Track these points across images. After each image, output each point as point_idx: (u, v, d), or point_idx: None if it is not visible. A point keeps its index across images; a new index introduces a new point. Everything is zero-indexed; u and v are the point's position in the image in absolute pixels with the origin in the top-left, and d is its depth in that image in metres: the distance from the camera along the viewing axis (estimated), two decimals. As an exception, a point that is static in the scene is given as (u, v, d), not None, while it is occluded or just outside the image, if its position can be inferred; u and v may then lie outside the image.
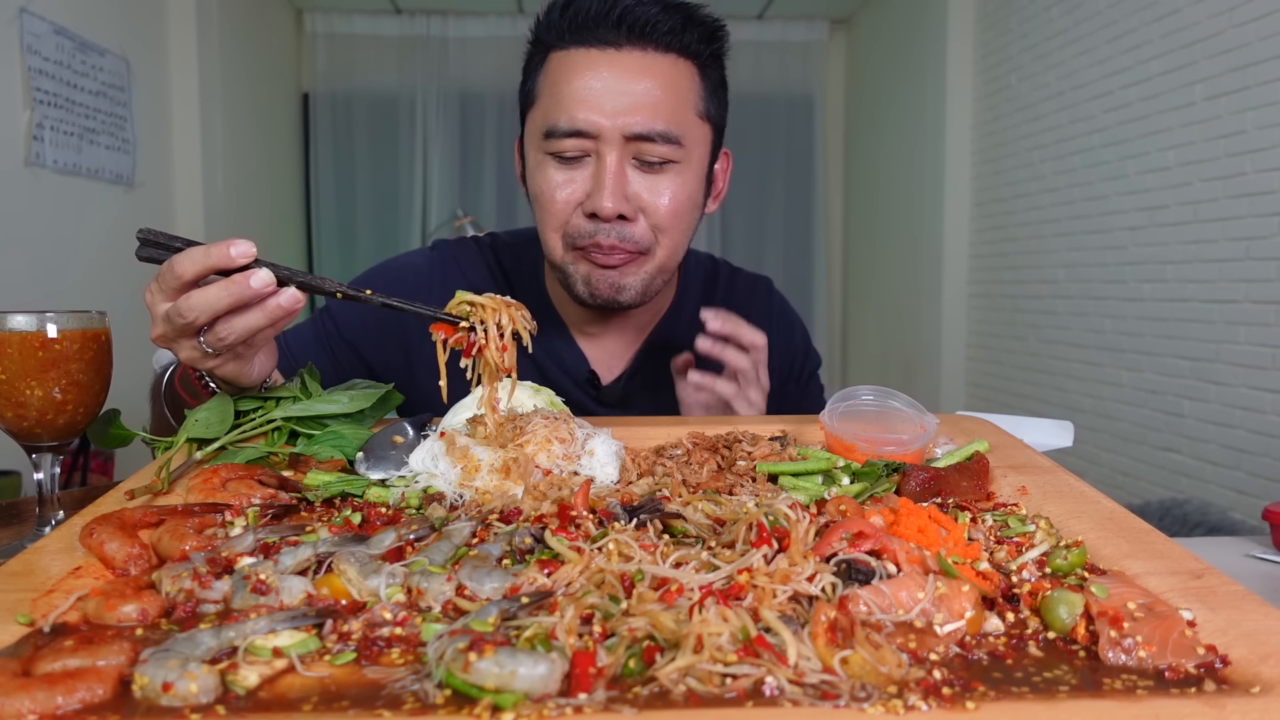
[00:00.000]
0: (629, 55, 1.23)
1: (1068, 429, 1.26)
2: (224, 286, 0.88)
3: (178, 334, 0.92)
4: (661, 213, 1.27)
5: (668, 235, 1.30)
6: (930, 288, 4.92)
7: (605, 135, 1.22)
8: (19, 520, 1.12)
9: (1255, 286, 2.91)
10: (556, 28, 1.26)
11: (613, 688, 0.52)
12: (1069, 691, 0.53)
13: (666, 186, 1.27)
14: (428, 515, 0.80)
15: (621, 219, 1.25)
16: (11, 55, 3.20)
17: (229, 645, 0.56)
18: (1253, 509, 2.82)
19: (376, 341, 1.46)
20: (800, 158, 6.30)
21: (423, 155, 6.11)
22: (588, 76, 1.23)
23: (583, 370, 1.45)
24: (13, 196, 3.22)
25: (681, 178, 1.28)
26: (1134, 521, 0.81)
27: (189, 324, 0.89)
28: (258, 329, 0.91)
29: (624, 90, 1.22)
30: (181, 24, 4.35)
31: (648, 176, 1.26)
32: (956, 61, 4.67)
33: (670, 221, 1.29)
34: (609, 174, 1.23)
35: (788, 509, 0.71)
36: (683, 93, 1.26)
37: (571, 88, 1.23)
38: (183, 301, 0.89)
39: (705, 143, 1.33)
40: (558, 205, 1.28)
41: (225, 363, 0.97)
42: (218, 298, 0.88)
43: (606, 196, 1.22)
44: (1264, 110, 2.83)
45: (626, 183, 1.25)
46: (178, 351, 0.95)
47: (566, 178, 1.27)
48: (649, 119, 1.22)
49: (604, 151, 1.23)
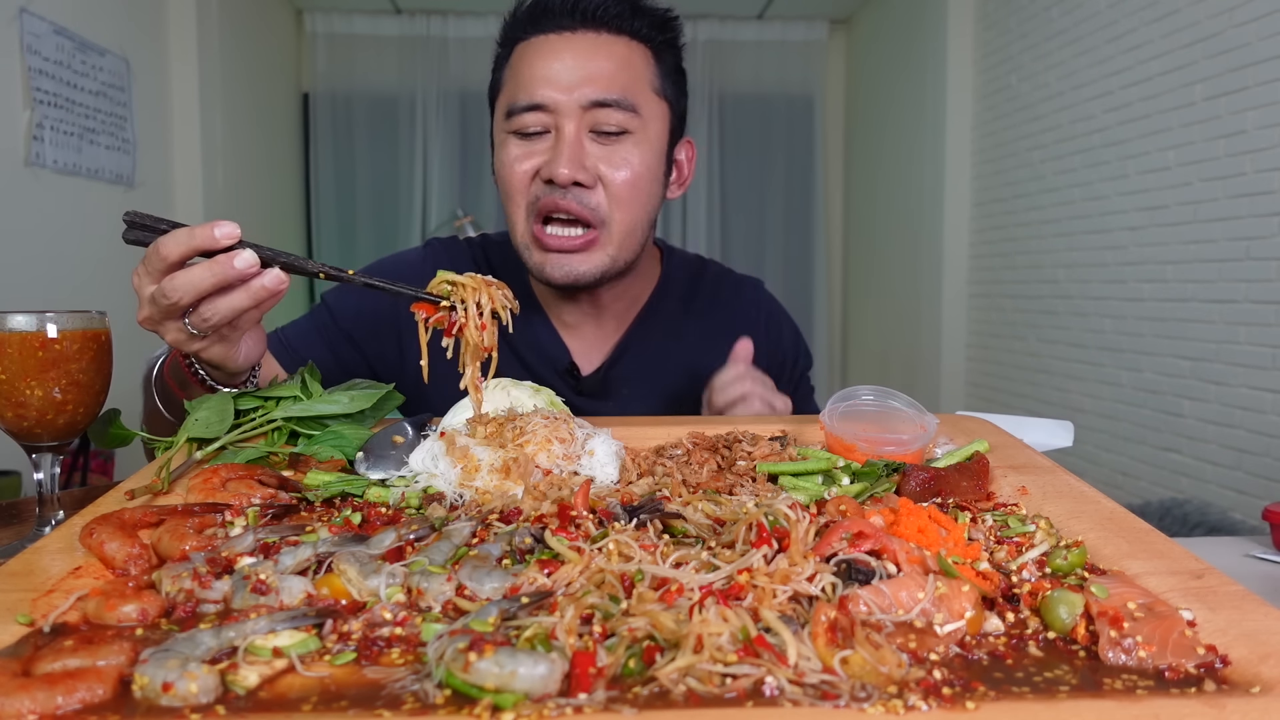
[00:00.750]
0: (583, 37, 1.31)
1: (1068, 429, 1.26)
2: (208, 267, 0.90)
3: (163, 315, 0.93)
4: (618, 182, 1.31)
5: (625, 208, 1.33)
6: (930, 288, 4.91)
7: (562, 108, 1.29)
8: (19, 520, 1.12)
9: (1255, 286, 2.91)
10: (520, 22, 1.35)
11: (613, 688, 0.52)
12: (1069, 691, 0.53)
13: (624, 157, 1.31)
14: (428, 515, 0.80)
15: (579, 186, 1.29)
16: (11, 55, 3.20)
17: (229, 645, 0.56)
18: (1253, 509, 2.82)
19: (370, 331, 1.48)
20: (800, 158, 6.30)
21: (423, 155, 6.11)
22: (546, 57, 1.31)
23: (564, 360, 1.48)
24: (13, 196, 3.22)
25: (639, 149, 1.33)
26: (1134, 521, 0.81)
27: (174, 304, 0.91)
28: (242, 309, 0.93)
29: (579, 65, 1.29)
30: (181, 24, 4.35)
31: (605, 147, 1.31)
32: (956, 61, 4.67)
33: (628, 192, 1.32)
34: (566, 142, 1.28)
35: (788, 509, 0.71)
36: (636, 69, 1.33)
37: (531, 68, 1.31)
38: (167, 282, 0.90)
39: (662, 119, 1.38)
40: (516, 176, 1.32)
41: (211, 345, 0.98)
42: (202, 278, 0.90)
43: (563, 162, 1.27)
44: (1264, 110, 2.83)
45: (584, 153, 1.30)
46: (164, 333, 0.96)
47: (525, 151, 1.32)
48: (604, 87, 1.29)
49: (562, 124, 1.29)
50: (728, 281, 1.64)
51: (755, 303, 1.64)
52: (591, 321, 1.51)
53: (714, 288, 1.61)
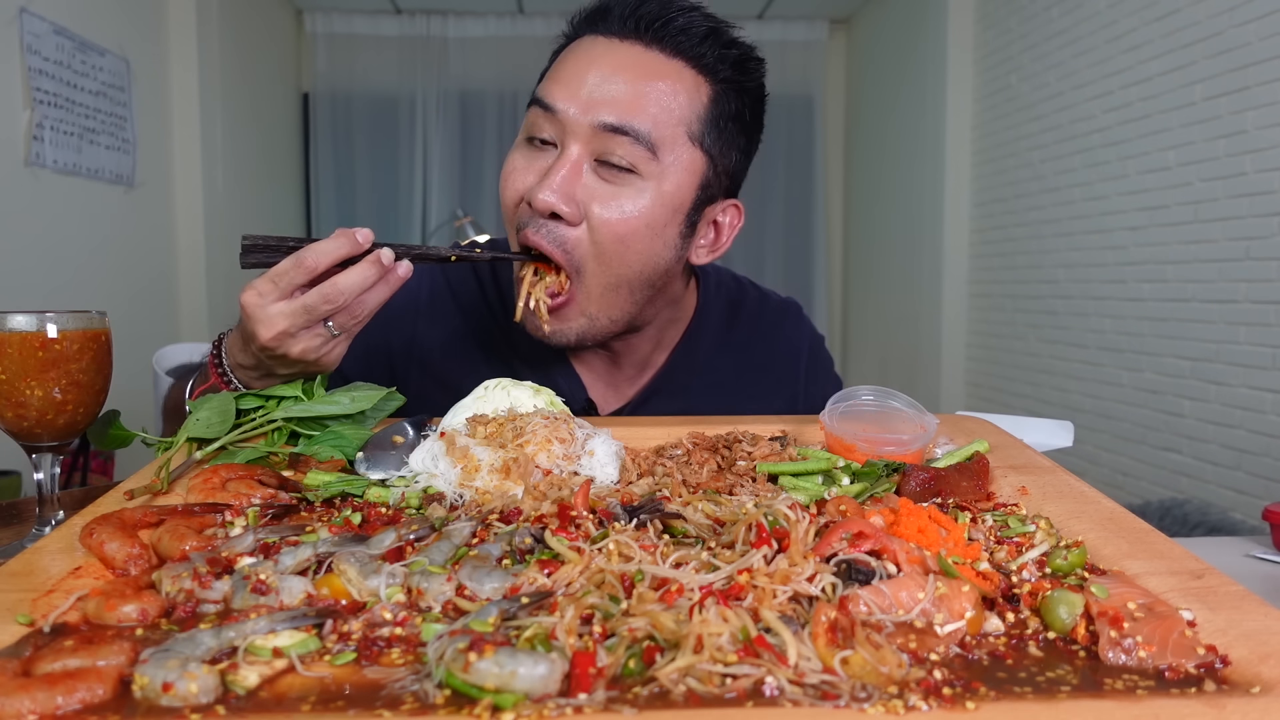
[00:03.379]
0: (630, 50, 1.14)
1: (1068, 429, 1.26)
2: (368, 266, 0.96)
3: (306, 324, 0.96)
4: (605, 228, 1.12)
5: (606, 260, 1.14)
6: (930, 288, 4.91)
7: (571, 124, 1.12)
8: (19, 520, 1.12)
9: (1255, 286, 2.91)
10: (584, 16, 1.21)
11: (613, 688, 0.52)
12: (1069, 692, 0.53)
13: (623, 200, 1.12)
14: (428, 515, 0.80)
15: (555, 218, 1.13)
16: (11, 55, 3.20)
17: (229, 645, 0.56)
18: (1253, 509, 2.82)
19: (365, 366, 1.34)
20: (800, 158, 6.30)
21: (423, 155, 6.11)
22: (580, 61, 1.15)
23: (580, 398, 1.33)
24: (13, 196, 3.22)
25: (644, 197, 1.13)
26: (1134, 521, 0.81)
27: (334, 309, 0.96)
28: (383, 302, 1.00)
29: (605, 81, 1.12)
30: (181, 24, 4.36)
31: (606, 184, 1.13)
32: (956, 61, 4.67)
33: (612, 242, 1.13)
34: (560, 165, 1.12)
35: (787, 509, 0.71)
36: (675, 105, 1.13)
37: (563, 68, 1.17)
38: (328, 288, 0.95)
39: (690, 171, 1.16)
40: (508, 191, 1.18)
41: (335, 346, 1.01)
42: (365, 277, 0.96)
43: (545, 187, 1.10)
44: (1264, 110, 2.83)
45: (578, 182, 1.12)
46: (293, 346, 0.98)
47: (527, 164, 1.17)
48: (623, 113, 1.11)
49: (568, 142, 1.13)
50: (767, 309, 1.49)
51: (797, 336, 1.50)
52: (608, 365, 1.37)
53: (753, 317, 1.47)
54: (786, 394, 1.46)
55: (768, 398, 1.41)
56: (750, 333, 1.45)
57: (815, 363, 1.51)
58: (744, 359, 1.43)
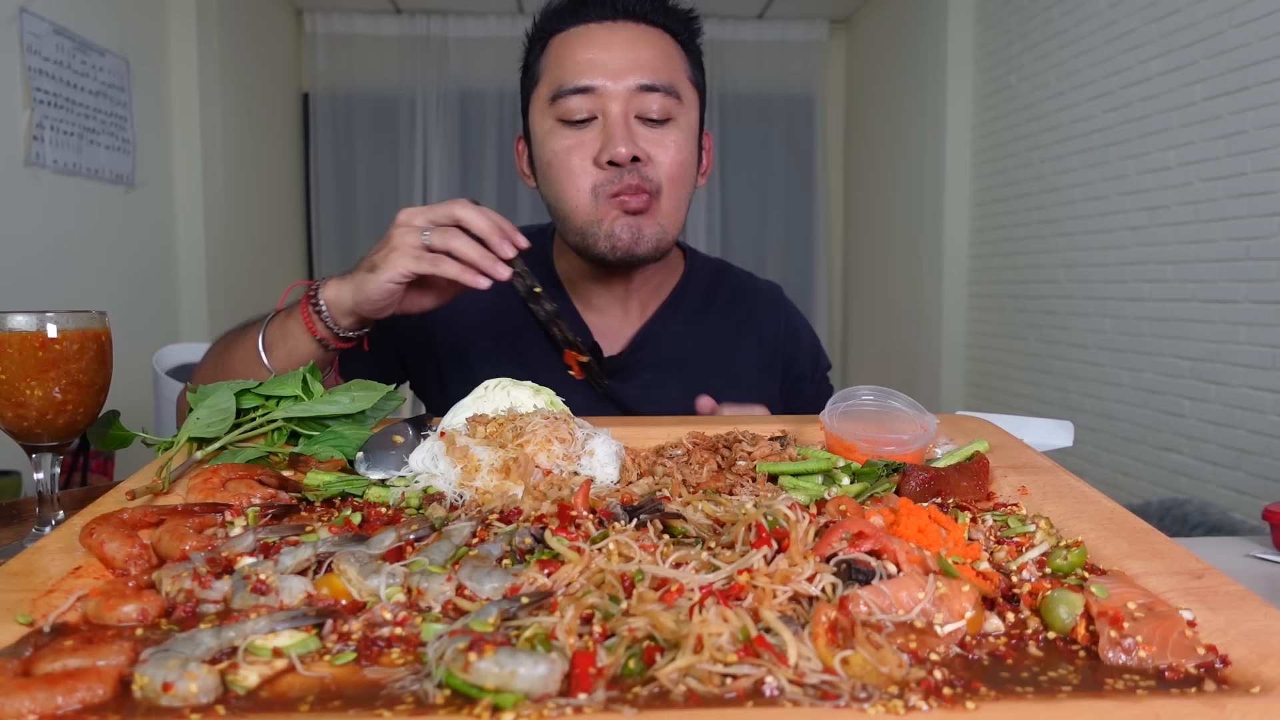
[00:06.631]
0: (625, 26, 1.36)
1: (1068, 429, 1.26)
2: (493, 219, 1.15)
3: (426, 223, 1.17)
4: (666, 164, 1.36)
5: (671, 189, 1.38)
6: (930, 288, 4.91)
7: (610, 92, 1.33)
8: (19, 520, 1.12)
9: (1255, 286, 2.91)
10: (559, 14, 1.39)
11: (613, 688, 0.52)
12: (1069, 692, 0.53)
13: (671, 140, 1.36)
14: (428, 515, 0.80)
15: (636, 161, 1.34)
16: (11, 55, 3.20)
17: (229, 645, 0.56)
18: (1253, 509, 2.82)
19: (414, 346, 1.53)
20: (800, 158, 6.30)
21: (423, 155, 6.11)
22: (591, 44, 1.35)
23: (587, 341, 1.48)
24: (13, 196, 3.22)
25: (683, 134, 1.38)
26: (1134, 521, 0.81)
27: (442, 221, 1.16)
28: (466, 257, 1.13)
29: (625, 52, 1.34)
30: (181, 24, 4.35)
31: (652, 131, 1.35)
32: (956, 61, 4.67)
33: (675, 172, 1.37)
34: (617, 125, 1.32)
35: (787, 509, 0.71)
36: (674, 58, 1.39)
37: (576, 55, 1.35)
38: (452, 207, 1.17)
39: (696, 108, 1.43)
40: (574, 163, 1.35)
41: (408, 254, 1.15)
42: (485, 224, 1.14)
43: (619, 141, 1.31)
44: (1264, 110, 2.83)
45: (636, 134, 1.34)
46: (397, 260, 1.14)
47: (577, 140, 1.35)
48: (650, 74, 1.34)
49: (609, 108, 1.33)
50: (748, 284, 1.68)
51: (776, 304, 1.67)
52: (618, 306, 1.54)
53: (734, 289, 1.65)
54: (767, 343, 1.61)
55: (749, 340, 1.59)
56: (732, 299, 1.63)
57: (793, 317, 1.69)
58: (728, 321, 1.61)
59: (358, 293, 1.17)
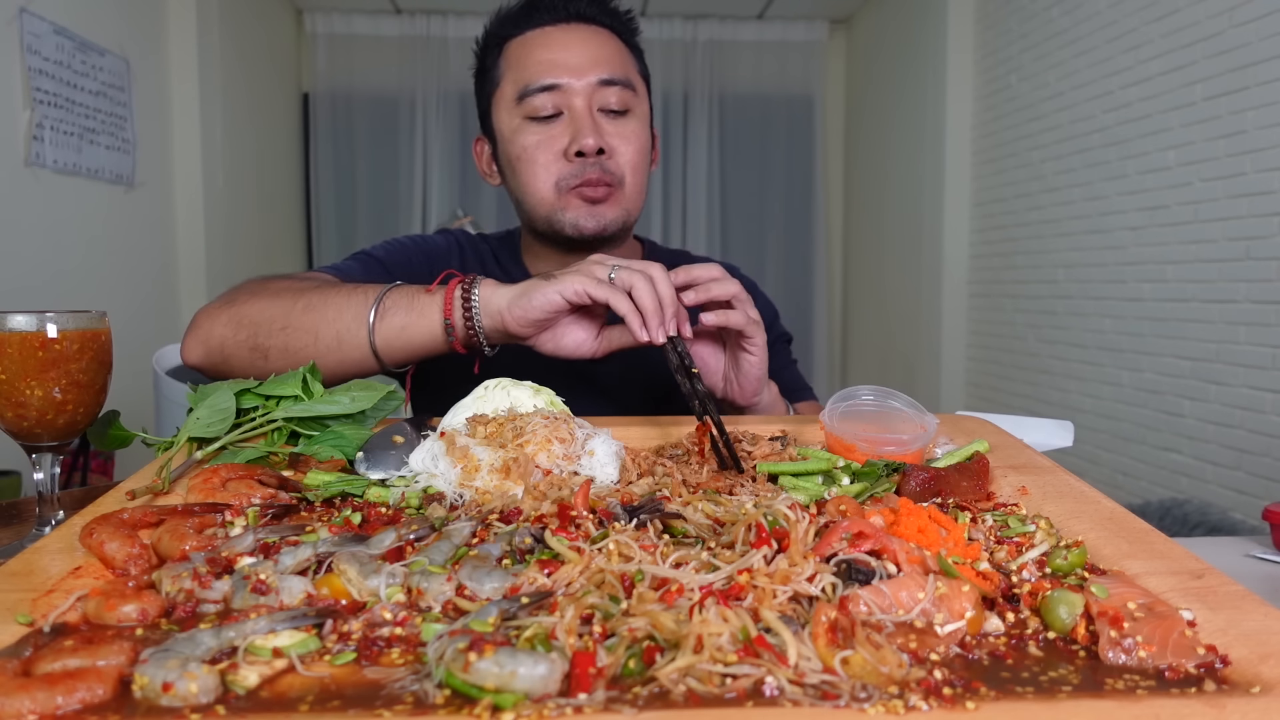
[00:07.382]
0: (576, 28, 1.45)
1: (1068, 429, 1.26)
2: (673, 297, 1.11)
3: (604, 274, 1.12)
4: (629, 155, 1.46)
5: (633, 177, 1.47)
6: (930, 288, 4.91)
7: (574, 88, 1.42)
8: (19, 520, 1.12)
9: (1255, 286, 2.91)
10: (513, 19, 1.47)
11: (613, 688, 0.51)
12: (1070, 692, 0.53)
13: (630, 131, 1.46)
14: (428, 515, 0.80)
15: (600, 153, 1.42)
16: (11, 55, 3.20)
17: (229, 645, 0.56)
18: (1253, 509, 2.82)
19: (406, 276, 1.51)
20: (800, 158, 6.30)
21: (423, 155, 6.11)
22: (551, 45, 1.43)
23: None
24: (13, 196, 3.22)
25: (640, 124, 1.48)
26: (1134, 521, 0.81)
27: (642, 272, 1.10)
28: (640, 304, 1.08)
29: (582, 50, 1.43)
30: (181, 24, 4.35)
31: (613, 123, 1.45)
32: (956, 61, 4.67)
33: (636, 160, 1.47)
34: (584, 118, 1.41)
35: (787, 509, 0.71)
36: (625, 54, 1.49)
37: (538, 55, 1.43)
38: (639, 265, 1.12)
39: (646, 100, 1.53)
40: (542, 157, 1.43)
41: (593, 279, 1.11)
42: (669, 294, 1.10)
43: (587, 133, 1.40)
44: (1264, 110, 2.83)
45: (600, 127, 1.43)
46: (575, 279, 1.10)
47: (546, 134, 1.43)
48: (609, 69, 1.43)
49: (574, 103, 1.42)
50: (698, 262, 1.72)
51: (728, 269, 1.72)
52: None
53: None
54: None
55: None
56: None
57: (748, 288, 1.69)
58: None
59: (520, 297, 1.12)
